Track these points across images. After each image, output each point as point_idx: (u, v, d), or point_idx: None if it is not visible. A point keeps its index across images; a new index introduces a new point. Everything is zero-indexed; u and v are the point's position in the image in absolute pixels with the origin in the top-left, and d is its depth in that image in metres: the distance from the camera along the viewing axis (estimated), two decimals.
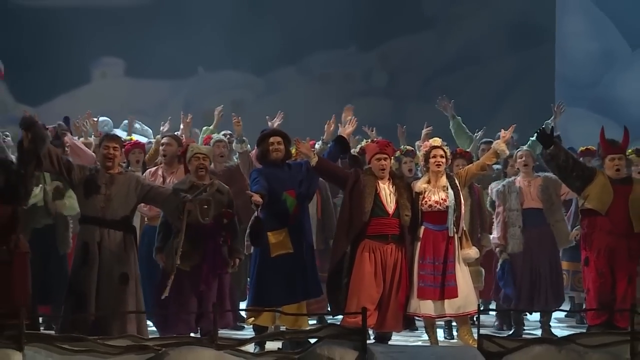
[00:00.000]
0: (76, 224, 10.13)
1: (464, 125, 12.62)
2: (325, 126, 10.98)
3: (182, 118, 11.90)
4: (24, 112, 9.87)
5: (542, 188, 10.95)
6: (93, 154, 11.00)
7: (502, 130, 10.33)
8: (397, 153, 11.41)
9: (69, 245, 10.56)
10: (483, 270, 10.87)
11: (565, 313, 12.21)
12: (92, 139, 11.65)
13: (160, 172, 11.12)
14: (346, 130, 10.45)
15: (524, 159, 11.04)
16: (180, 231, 9.50)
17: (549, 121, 12.19)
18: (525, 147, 11.27)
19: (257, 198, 9.63)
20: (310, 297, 10.05)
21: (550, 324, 11.08)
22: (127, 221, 9.59)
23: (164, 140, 11.31)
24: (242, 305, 10.82)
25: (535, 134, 10.24)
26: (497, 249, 10.93)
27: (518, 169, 11.12)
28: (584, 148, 12.06)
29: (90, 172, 9.58)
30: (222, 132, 12.26)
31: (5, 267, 9.37)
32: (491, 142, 11.20)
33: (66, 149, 10.98)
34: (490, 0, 16.71)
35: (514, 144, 12.02)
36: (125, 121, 13.33)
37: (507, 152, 10.60)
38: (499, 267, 10.96)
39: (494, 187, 11.14)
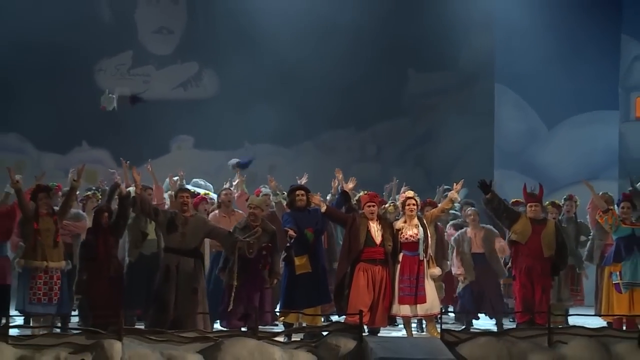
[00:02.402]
0: None
1: None
2: (332, 183, 11.11)
3: (238, 176, 11.94)
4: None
5: (484, 238, 10.91)
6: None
7: (455, 184, 10.34)
8: (392, 203, 11.29)
9: None
10: (444, 284, 10.86)
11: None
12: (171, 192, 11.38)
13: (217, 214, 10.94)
14: (348, 186, 10.54)
15: (472, 216, 11.02)
16: (234, 261, 9.54)
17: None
18: (473, 208, 11.17)
19: (291, 233, 9.74)
20: (323, 303, 10.05)
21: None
22: (197, 251, 9.63)
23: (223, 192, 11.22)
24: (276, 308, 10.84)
25: (477, 184, 10.28)
26: (460, 278, 10.86)
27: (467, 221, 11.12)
28: (515, 200, 12.04)
29: (171, 215, 9.62)
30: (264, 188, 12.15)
31: (113, 281, 9.54)
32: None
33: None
34: (448, 96, 16.77)
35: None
36: (195, 179, 13.40)
37: (459, 199, 10.69)
38: (460, 289, 10.89)
39: (451, 233, 11.08)
